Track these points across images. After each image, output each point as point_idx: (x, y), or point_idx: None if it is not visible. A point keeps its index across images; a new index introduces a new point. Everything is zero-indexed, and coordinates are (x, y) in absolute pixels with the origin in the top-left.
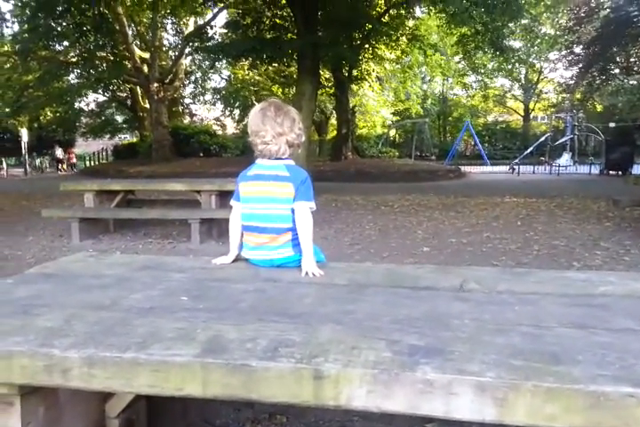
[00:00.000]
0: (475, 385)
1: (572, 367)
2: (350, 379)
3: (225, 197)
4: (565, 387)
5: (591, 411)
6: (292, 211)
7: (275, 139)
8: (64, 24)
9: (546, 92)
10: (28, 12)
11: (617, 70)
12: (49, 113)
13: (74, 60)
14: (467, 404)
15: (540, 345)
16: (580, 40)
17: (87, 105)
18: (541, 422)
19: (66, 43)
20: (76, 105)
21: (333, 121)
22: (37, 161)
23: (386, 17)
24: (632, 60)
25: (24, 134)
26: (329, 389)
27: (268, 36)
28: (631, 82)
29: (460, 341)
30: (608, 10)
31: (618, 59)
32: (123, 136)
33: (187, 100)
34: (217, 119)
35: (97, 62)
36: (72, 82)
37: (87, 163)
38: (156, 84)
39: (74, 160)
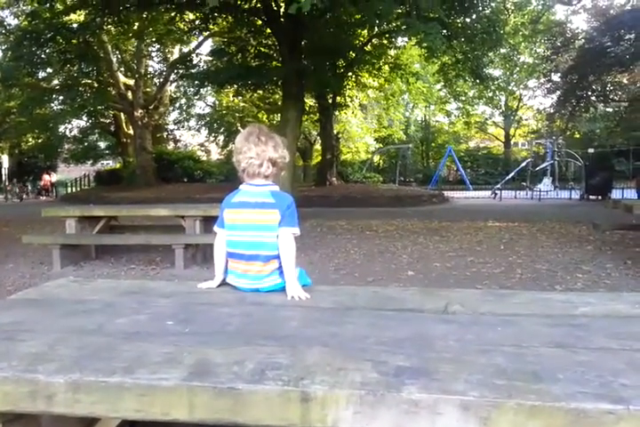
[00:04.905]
0: (459, 404)
1: (553, 385)
2: (337, 400)
3: (209, 222)
4: (547, 405)
5: None
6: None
7: (258, 156)
8: (48, 51)
9: (526, 119)
10: (12, 39)
11: (594, 98)
12: (30, 139)
13: (57, 86)
14: (452, 423)
15: (521, 364)
16: (558, 68)
17: (70, 131)
18: None
19: (50, 70)
20: (59, 131)
21: (318, 147)
22: (16, 188)
23: (369, 46)
24: (608, 88)
25: (5, 160)
26: (316, 411)
27: (254, 64)
28: (608, 109)
29: (444, 361)
30: (583, 40)
31: (594, 87)
32: (105, 162)
33: (171, 126)
34: (201, 145)
35: (81, 89)
36: (55, 108)
37: (69, 189)
38: (140, 111)
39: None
